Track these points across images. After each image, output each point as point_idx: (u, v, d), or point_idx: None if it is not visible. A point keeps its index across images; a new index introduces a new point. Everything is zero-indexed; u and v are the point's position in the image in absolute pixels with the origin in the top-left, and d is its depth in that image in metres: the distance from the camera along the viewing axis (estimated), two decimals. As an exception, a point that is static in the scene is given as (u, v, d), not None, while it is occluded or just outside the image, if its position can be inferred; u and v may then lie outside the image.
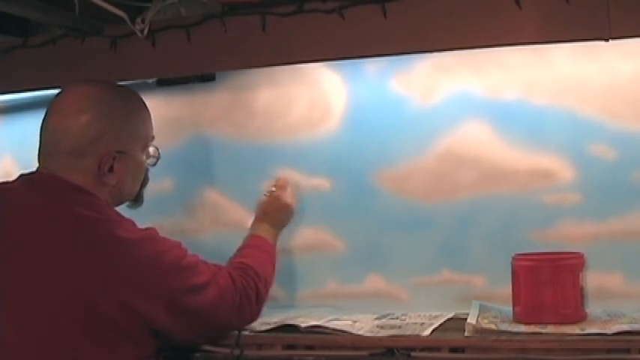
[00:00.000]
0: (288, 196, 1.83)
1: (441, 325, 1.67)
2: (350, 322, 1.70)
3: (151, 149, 1.68)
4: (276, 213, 1.81)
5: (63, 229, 1.47)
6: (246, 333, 1.63)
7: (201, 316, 1.52)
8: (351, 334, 1.61)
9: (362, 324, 1.69)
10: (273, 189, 1.84)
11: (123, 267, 1.45)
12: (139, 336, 1.46)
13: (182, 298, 1.49)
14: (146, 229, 1.55)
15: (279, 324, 1.68)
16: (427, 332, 1.59)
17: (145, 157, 1.66)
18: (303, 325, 1.65)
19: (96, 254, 1.44)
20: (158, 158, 1.71)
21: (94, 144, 1.54)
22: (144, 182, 1.70)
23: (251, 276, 1.62)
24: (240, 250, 1.74)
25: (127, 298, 1.43)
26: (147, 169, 1.69)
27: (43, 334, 1.41)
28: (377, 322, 1.73)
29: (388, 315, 1.80)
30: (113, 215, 1.53)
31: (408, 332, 1.60)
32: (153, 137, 1.68)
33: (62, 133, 1.55)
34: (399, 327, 1.66)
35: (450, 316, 1.75)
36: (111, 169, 1.56)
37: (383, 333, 1.61)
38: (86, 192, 1.53)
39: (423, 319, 1.72)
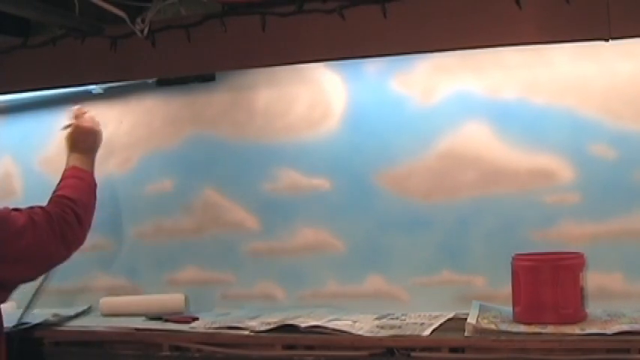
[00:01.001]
0: (87, 121, 1.93)
1: (441, 325, 1.67)
2: (350, 322, 1.70)
3: None
4: (83, 140, 1.91)
5: None
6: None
7: (31, 256, 1.67)
8: (351, 334, 1.62)
9: (362, 324, 1.69)
10: (72, 121, 1.92)
11: None
12: None
13: (7, 247, 1.62)
14: None
15: (279, 324, 1.68)
16: (427, 332, 1.59)
17: None
18: (303, 325, 1.66)
19: None
20: None
21: None
22: None
23: (66, 204, 1.76)
24: (57, 185, 1.83)
25: None
26: None
27: None
28: (377, 322, 1.73)
29: (388, 315, 1.81)
30: None
31: (408, 332, 1.60)
32: None
33: None
34: (399, 327, 1.66)
35: (450, 316, 1.75)
36: None
37: (383, 333, 1.61)
38: None
39: (423, 319, 1.72)
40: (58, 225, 1.72)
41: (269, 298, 2.00)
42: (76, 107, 1.97)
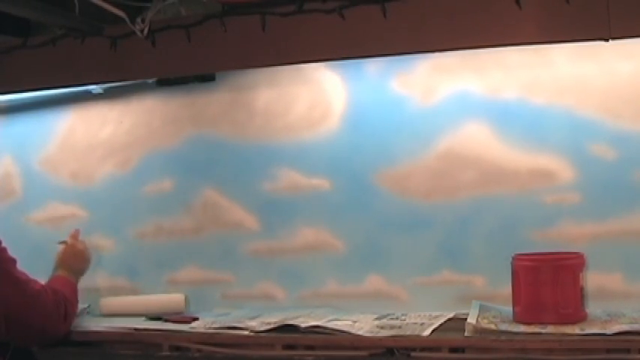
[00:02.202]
0: (82, 244, 1.99)
1: (441, 325, 1.67)
2: (350, 322, 1.70)
3: None
4: (73, 261, 1.95)
5: None
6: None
7: (18, 311, 1.67)
8: (350, 334, 1.61)
9: (362, 324, 1.69)
10: (67, 240, 1.98)
11: None
12: None
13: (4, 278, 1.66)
14: None
15: (279, 324, 1.68)
16: (427, 332, 1.59)
17: None
18: (303, 325, 1.65)
19: None
20: None
21: None
22: None
23: (61, 296, 1.77)
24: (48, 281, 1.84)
25: None
26: None
27: None
28: (377, 322, 1.73)
29: (388, 315, 1.80)
30: None
31: (408, 332, 1.60)
32: None
33: None
34: (399, 327, 1.66)
35: (450, 316, 1.75)
36: None
37: (383, 333, 1.61)
38: None
39: (423, 319, 1.72)
40: (51, 305, 1.74)
41: (269, 298, 2.00)
42: (75, 229, 2.02)
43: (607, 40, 1.61)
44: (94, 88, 2.09)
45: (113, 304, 2.02)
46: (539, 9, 1.65)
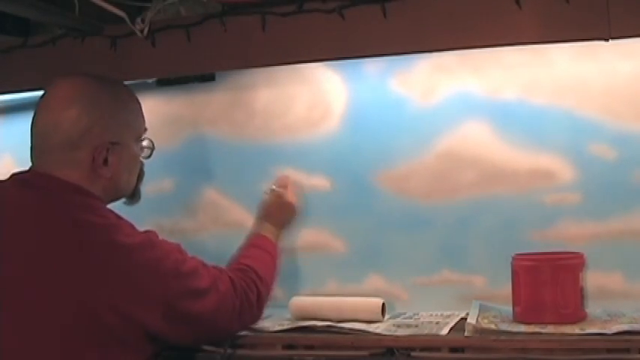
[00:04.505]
0: (290, 195, 1.80)
1: (456, 323, 1.66)
2: (365, 323, 1.69)
3: (145, 141, 1.64)
4: (278, 212, 1.79)
5: (60, 232, 1.43)
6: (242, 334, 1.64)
7: (200, 322, 1.49)
8: (369, 333, 1.61)
9: (378, 324, 1.69)
10: (274, 187, 1.81)
11: (120, 272, 1.41)
12: (134, 341, 1.42)
13: (180, 304, 1.45)
14: (145, 232, 1.52)
15: (293, 325, 1.68)
16: (445, 331, 1.59)
17: (138, 148, 1.62)
18: (319, 324, 1.66)
19: (93, 259, 1.40)
20: (152, 149, 1.66)
21: (85, 136, 1.49)
22: (140, 176, 1.66)
23: (252, 278, 1.59)
24: (242, 249, 1.71)
25: (122, 303, 1.39)
26: (142, 163, 1.66)
27: (38, 336, 1.38)
28: (392, 321, 1.73)
29: (401, 315, 1.80)
30: (112, 218, 1.49)
31: (425, 331, 1.61)
32: (146, 129, 1.64)
33: (52, 128, 1.50)
34: (416, 326, 1.66)
35: (463, 315, 1.73)
36: (105, 162, 1.51)
37: (400, 332, 1.61)
38: (83, 192, 1.49)
39: (437, 318, 1.72)
40: (239, 300, 1.55)
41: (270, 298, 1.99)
42: (282, 176, 1.86)
43: (607, 40, 1.61)
44: (94, 88, 2.08)
45: (304, 304, 1.83)
46: (539, 9, 1.64)
